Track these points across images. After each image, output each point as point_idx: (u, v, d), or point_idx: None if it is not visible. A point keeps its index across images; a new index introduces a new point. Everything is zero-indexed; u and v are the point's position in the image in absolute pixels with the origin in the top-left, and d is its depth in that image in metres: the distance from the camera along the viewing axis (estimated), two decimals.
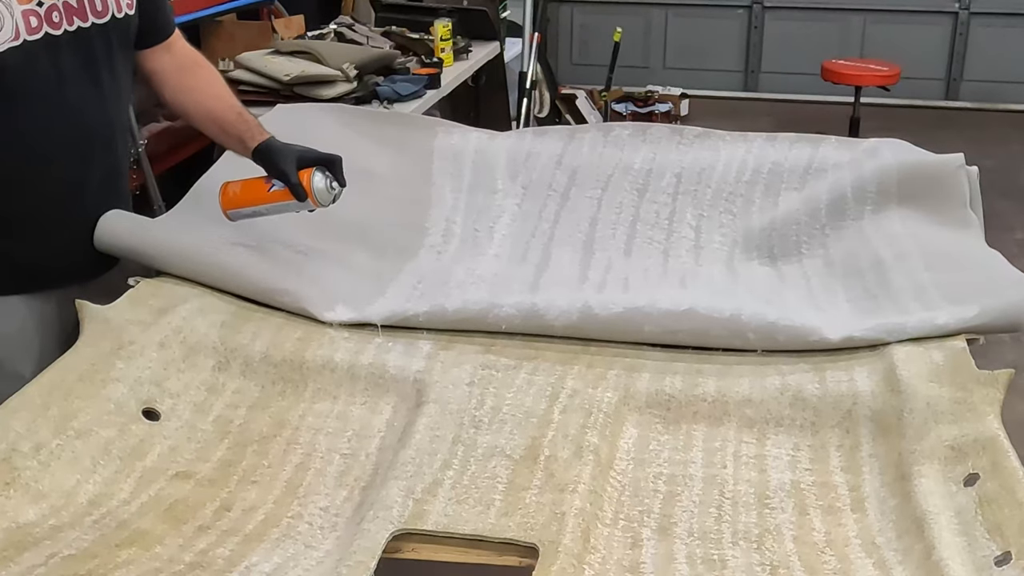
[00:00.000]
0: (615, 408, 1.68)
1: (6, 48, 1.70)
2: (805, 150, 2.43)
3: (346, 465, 1.61)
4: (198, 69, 2.07)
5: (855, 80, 5.65)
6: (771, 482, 1.56)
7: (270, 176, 1.95)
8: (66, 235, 1.91)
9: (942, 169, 2.23)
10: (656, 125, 2.62)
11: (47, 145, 1.83)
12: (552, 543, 1.36)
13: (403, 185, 2.40)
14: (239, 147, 2.02)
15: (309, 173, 1.91)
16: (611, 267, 2.19)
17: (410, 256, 2.23)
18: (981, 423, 1.51)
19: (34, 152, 1.82)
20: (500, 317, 1.88)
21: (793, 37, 7.13)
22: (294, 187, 1.91)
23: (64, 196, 1.89)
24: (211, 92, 2.04)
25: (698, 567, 1.39)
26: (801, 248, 2.21)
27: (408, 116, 3.00)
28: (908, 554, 1.37)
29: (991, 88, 6.90)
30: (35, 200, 1.86)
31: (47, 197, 1.87)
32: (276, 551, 1.41)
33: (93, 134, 1.89)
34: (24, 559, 1.31)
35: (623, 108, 6.42)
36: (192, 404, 1.70)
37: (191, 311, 1.82)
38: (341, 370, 1.78)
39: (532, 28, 5.25)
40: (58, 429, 1.51)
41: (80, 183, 1.90)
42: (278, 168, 1.93)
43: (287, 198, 1.92)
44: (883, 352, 1.75)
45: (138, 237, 1.93)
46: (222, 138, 2.06)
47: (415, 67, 3.48)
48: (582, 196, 2.40)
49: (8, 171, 1.82)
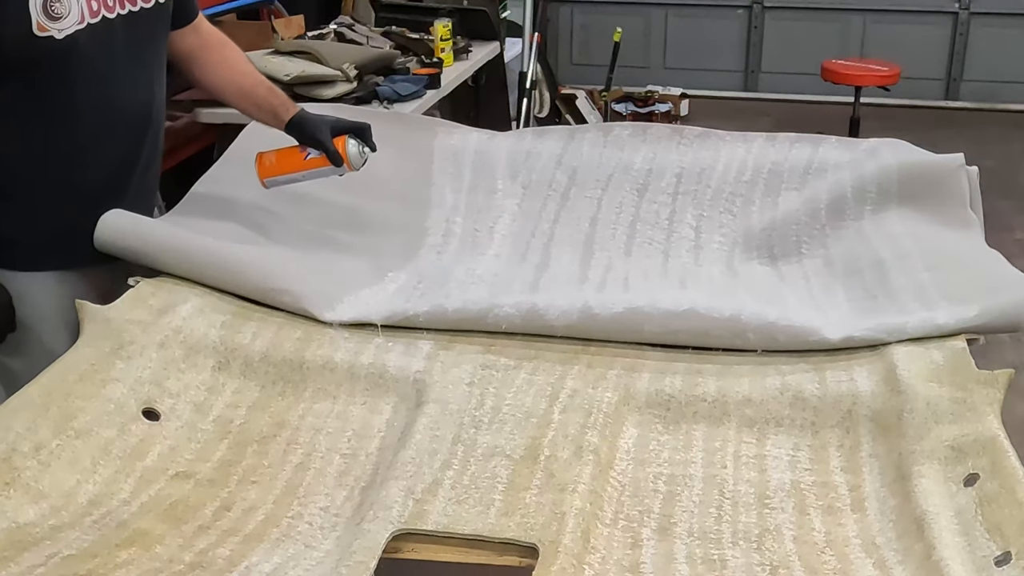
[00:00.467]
0: (615, 408, 1.68)
1: (74, 31, 1.82)
2: (805, 150, 2.43)
3: (346, 465, 1.61)
4: (225, 48, 2.17)
5: (855, 80, 5.64)
6: (771, 482, 1.56)
7: (304, 145, 2.07)
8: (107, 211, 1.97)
9: (942, 169, 2.23)
10: (656, 125, 2.62)
11: (104, 123, 1.92)
12: (552, 543, 1.36)
13: (403, 185, 2.40)
14: (272, 120, 2.13)
15: (343, 140, 2.06)
16: (611, 267, 2.19)
17: (410, 256, 2.23)
18: (981, 423, 1.51)
19: (92, 130, 1.91)
20: (500, 317, 1.88)
21: (793, 37, 7.13)
22: (332, 154, 2.05)
23: (116, 172, 1.98)
24: (240, 69, 2.16)
25: (698, 567, 1.39)
26: (801, 248, 2.21)
27: (408, 116, 3.00)
28: (908, 554, 1.37)
29: (991, 88, 6.91)
30: (92, 175, 1.94)
31: (101, 173, 1.95)
32: (276, 551, 1.41)
33: (143, 113, 1.99)
34: (24, 559, 1.31)
35: (623, 108, 6.42)
36: (192, 404, 1.70)
37: (191, 311, 1.82)
38: (341, 370, 1.78)
39: (532, 28, 5.25)
40: (58, 429, 1.51)
41: (131, 160, 2.00)
42: (314, 137, 2.06)
43: (323, 164, 2.07)
44: (883, 352, 1.75)
45: (138, 237, 1.93)
46: (254, 112, 2.17)
47: (415, 67, 3.48)
48: (582, 196, 2.40)
49: (69, 148, 1.90)
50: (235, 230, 2.08)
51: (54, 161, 1.90)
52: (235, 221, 2.12)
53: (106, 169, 1.96)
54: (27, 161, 1.88)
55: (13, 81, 1.81)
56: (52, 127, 1.87)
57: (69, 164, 1.91)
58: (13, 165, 1.88)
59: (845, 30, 7.04)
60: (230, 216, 2.13)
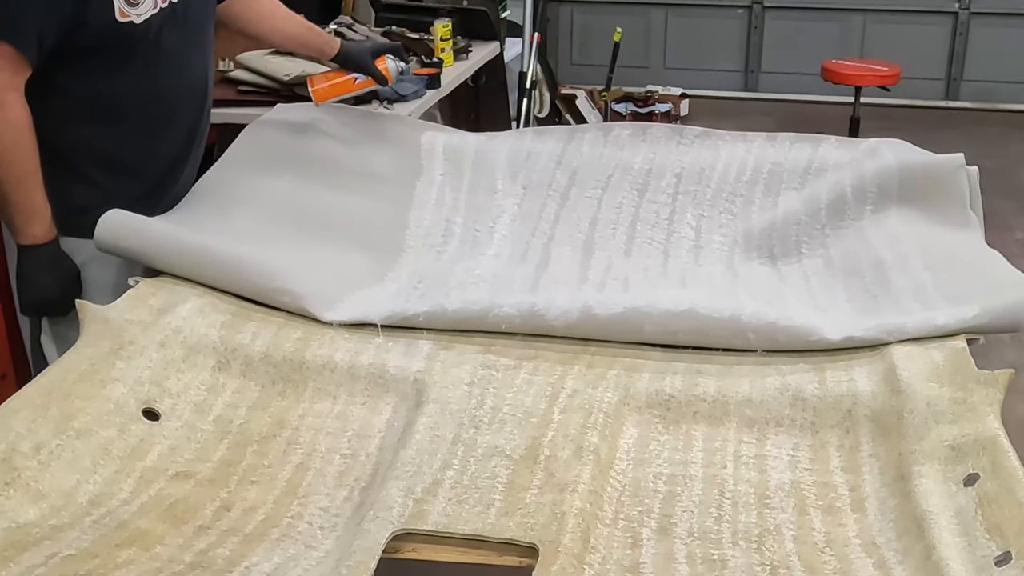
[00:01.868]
0: (615, 408, 1.68)
1: (149, 15, 1.99)
2: (805, 150, 2.43)
3: (346, 465, 1.61)
4: (260, 3, 2.41)
5: (855, 80, 5.64)
6: (771, 482, 1.56)
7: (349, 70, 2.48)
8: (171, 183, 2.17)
9: (942, 169, 2.23)
10: (656, 125, 2.62)
11: (176, 102, 2.12)
12: (552, 543, 1.36)
13: (403, 185, 2.40)
14: (319, 55, 2.55)
15: (383, 60, 2.49)
16: (611, 267, 2.19)
17: (410, 256, 2.22)
18: (981, 423, 1.51)
19: (167, 109, 2.10)
20: (500, 317, 1.88)
21: (793, 37, 7.12)
22: (378, 76, 2.48)
23: (183, 146, 2.18)
24: (281, 16, 2.45)
25: (698, 567, 1.39)
26: (801, 248, 2.21)
27: (407, 119, 3.00)
28: (908, 554, 1.37)
29: (991, 88, 6.90)
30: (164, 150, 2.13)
31: (172, 148, 2.15)
32: (276, 551, 1.41)
33: (203, 90, 2.20)
34: (24, 559, 1.31)
35: (623, 108, 6.42)
36: (192, 404, 1.70)
37: (191, 311, 1.82)
38: (341, 370, 1.78)
39: (532, 28, 5.24)
40: (58, 429, 1.51)
41: (193, 134, 2.20)
42: (360, 66, 2.47)
43: (369, 84, 2.52)
44: (883, 352, 1.75)
45: (138, 237, 1.93)
46: (300, 51, 2.66)
47: (415, 67, 3.47)
48: (582, 196, 2.40)
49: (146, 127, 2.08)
50: (235, 230, 2.08)
51: (131, 140, 2.05)
52: (235, 221, 2.11)
53: (175, 144, 2.15)
54: (105, 140, 2.03)
55: (96, 65, 1.96)
56: (131, 108, 2.04)
57: (145, 142, 2.08)
58: (93, 144, 2.02)
59: (845, 30, 7.03)
60: (230, 216, 2.13)
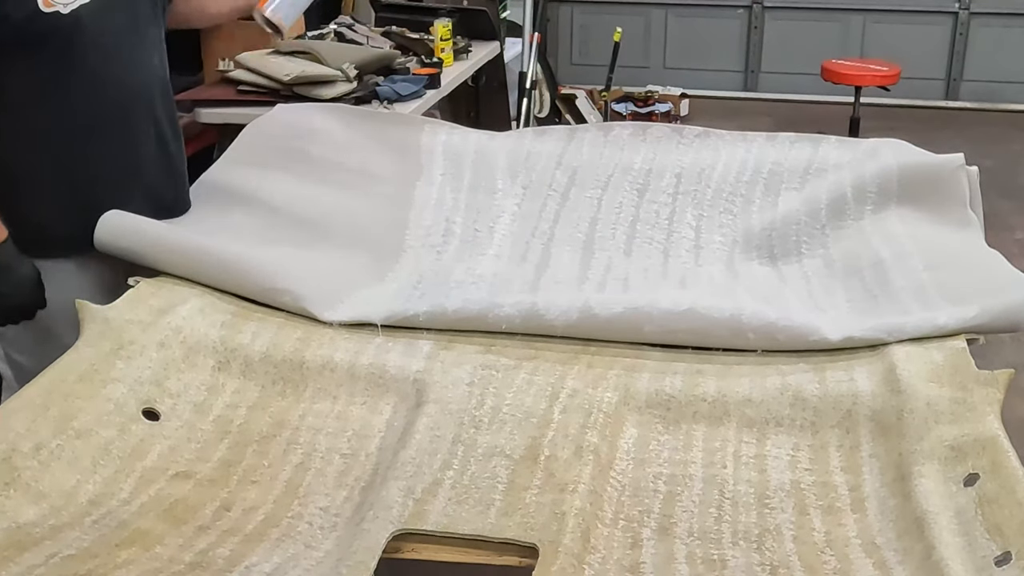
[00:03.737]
0: (615, 408, 1.68)
1: (78, 5, 1.90)
2: (805, 150, 2.43)
3: (346, 465, 1.61)
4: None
5: (855, 80, 5.64)
6: (771, 482, 1.56)
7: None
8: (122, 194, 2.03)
9: (942, 169, 2.23)
10: (656, 125, 2.62)
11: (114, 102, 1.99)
12: (552, 543, 1.36)
13: (403, 185, 2.40)
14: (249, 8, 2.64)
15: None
16: (611, 267, 2.19)
17: (410, 256, 2.22)
18: (981, 423, 1.51)
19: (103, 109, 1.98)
20: (500, 317, 1.88)
21: (793, 37, 7.12)
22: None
23: (131, 155, 2.05)
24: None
25: (698, 567, 1.39)
26: (801, 248, 2.21)
27: (408, 117, 3.00)
28: (908, 554, 1.37)
29: (991, 88, 6.90)
30: (106, 154, 2.00)
31: (115, 154, 2.02)
32: (276, 551, 1.41)
33: (150, 90, 2.07)
34: (24, 559, 1.31)
35: (623, 108, 6.42)
36: (192, 404, 1.70)
37: (191, 311, 1.82)
38: (341, 370, 1.78)
39: (532, 28, 5.24)
40: (58, 429, 1.51)
41: (149, 138, 2.07)
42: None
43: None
44: (883, 352, 1.75)
45: (138, 237, 1.93)
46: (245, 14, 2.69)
47: (415, 67, 3.47)
48: (582, 196, 2.40)
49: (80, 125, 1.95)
50: (235, 230, 2.08)
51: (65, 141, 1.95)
52: (235, 221, 2.11)
53: (120, 150, 2.01)
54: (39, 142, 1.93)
55: (22, 60, 1.86)
56: (63, 106, 1.92)
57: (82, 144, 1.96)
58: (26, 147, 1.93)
59: (845, 30, 7.03)
60: (230, 216, 2.13)
